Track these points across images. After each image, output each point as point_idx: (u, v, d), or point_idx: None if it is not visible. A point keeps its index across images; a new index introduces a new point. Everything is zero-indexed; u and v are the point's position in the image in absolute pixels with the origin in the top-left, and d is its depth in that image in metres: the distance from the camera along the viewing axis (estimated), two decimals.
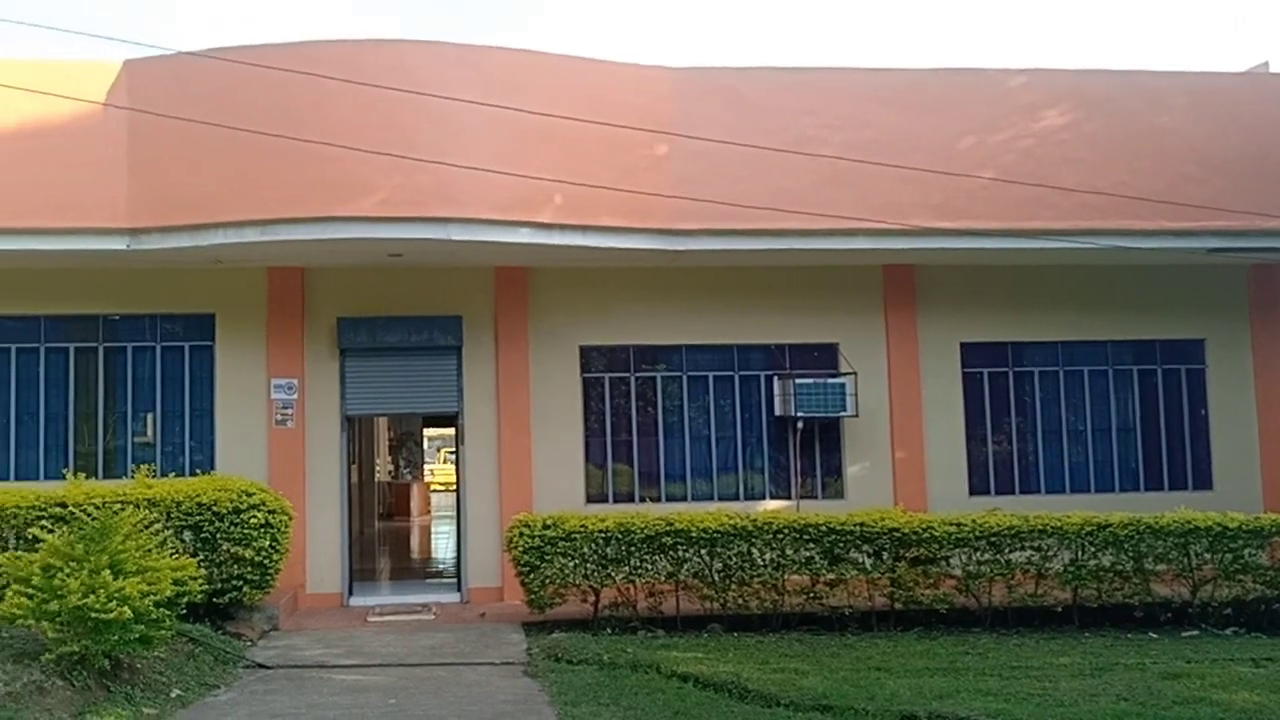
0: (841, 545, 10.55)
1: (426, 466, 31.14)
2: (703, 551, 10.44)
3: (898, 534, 10.55)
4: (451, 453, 33.13)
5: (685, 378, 13.05)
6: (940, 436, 13.14)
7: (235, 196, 10.68)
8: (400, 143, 10.44)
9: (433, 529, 22.19)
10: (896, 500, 12.45)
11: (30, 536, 8.94)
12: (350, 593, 12.38)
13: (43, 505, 9.60)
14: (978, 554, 10.68)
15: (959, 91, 12.22)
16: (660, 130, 11.31)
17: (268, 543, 9.88)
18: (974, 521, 10.70)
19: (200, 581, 8.72)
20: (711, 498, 12.73)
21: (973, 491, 13.12)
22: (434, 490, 27.92)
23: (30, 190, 10.81)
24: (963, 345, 13.35)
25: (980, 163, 11.95)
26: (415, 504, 24.11)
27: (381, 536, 19.55)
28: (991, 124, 12.18)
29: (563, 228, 11.13)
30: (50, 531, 8.38)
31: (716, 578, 10.51)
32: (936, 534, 10.55)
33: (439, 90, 10.51)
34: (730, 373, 13.09)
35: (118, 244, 11.02)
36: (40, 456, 12.14)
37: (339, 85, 10.32)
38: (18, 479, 11.74)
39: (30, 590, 7.68)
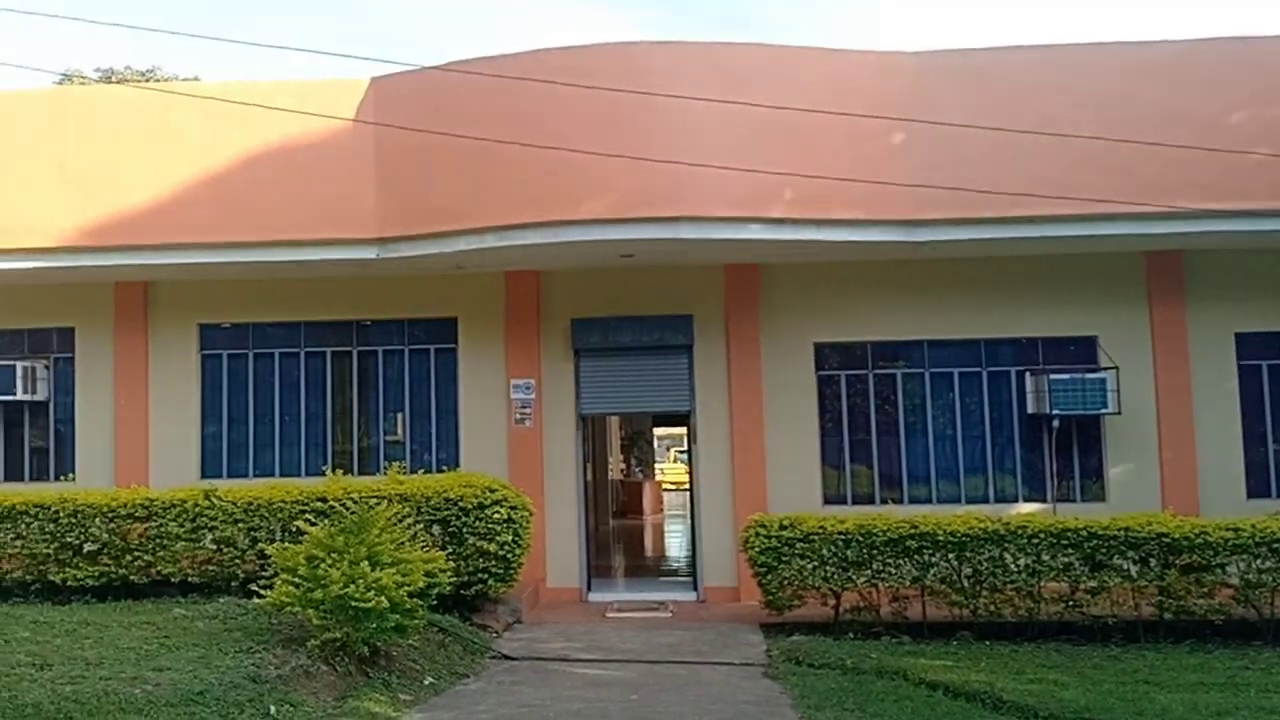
0: (1104, 551, 9.90)
1: (657, 465, 31.60)
2: (950, 556, 10.04)
3: (1167, 539, 9.80)
4: (682, 452, 33.55)
5: (927, 374, 12.61)
6: (1213, 435, 12.14)
7: (475, 204, 11.13)
8: (632, 144, 10.58)
9: (665, 527, 22.45)
10: (1164, 504, 11.59)
11: (295, 529, 9.66)
12: (589, 588, 12.69)
13: (305, 500, 10.31)
14: (1258, 561, 9.80)
15: (1230, 63, 11.22)
16: (899, 118, 10.96)
17: (510, 537, 10.23)
18: (1253, 527, 9.85)
19: (449, 574, 9.14)
20: (958, 500, 12.26)
21: (1250, 494, 12.08)
22: (665, 489, 28.27)
23: (290, 206, 11.64)
24: (1237, 336, 12.31)
25: (1254, 139, 10.94)
26: (647, 502, 24.47)
27: (616, 534, 19.95)
28: (1266, 97, 11.13)
29: (795, 222, 10.97)
30: (313, 524, 9.02)
31: (966, 583, 10.08)
32: (1211, 540, 9.76)
33: (670, 89, 10.59)
34: (977, 369, 12.55)
35: (368, 253, 11.71)
36: (302, 454, 13.08)
37: (571, 90, 10.58)
38: (282, 475, 12.71)
39: (296, 579, 8.26)
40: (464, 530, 10.16)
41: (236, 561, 10.19)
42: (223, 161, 11.77)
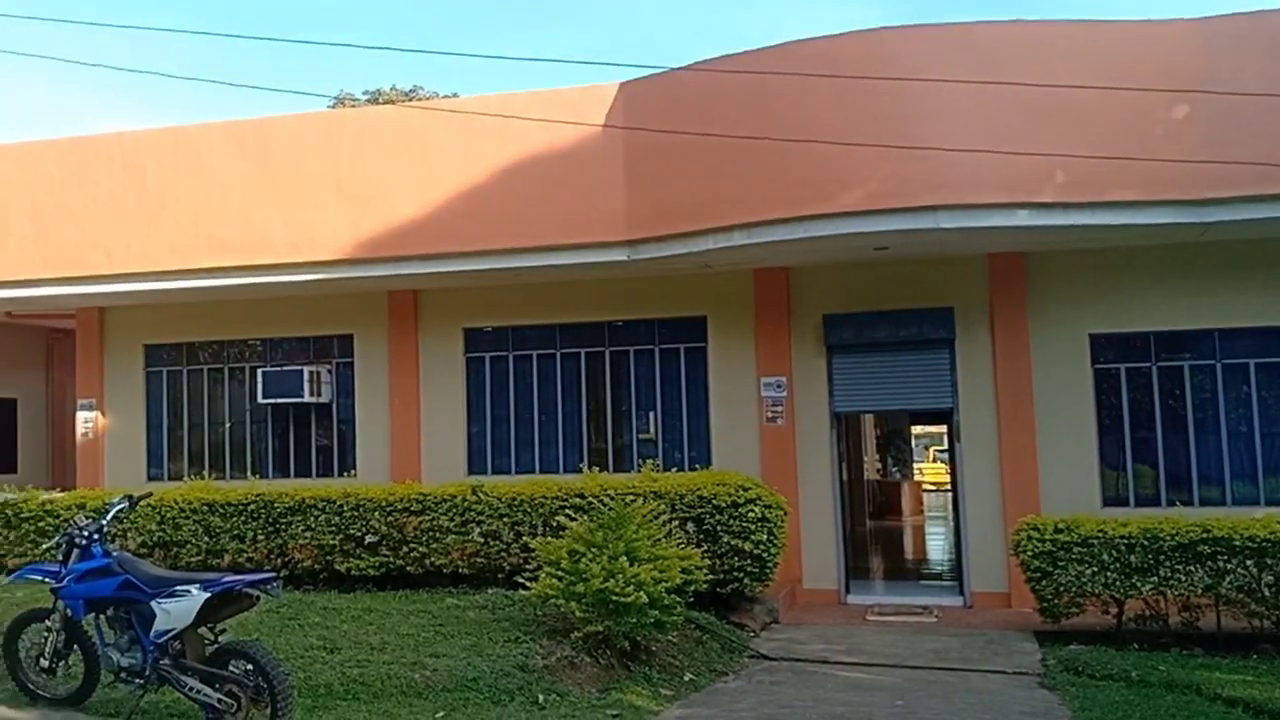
0: None
1: (915, 464, 30.79)
2: (1248, 563, 9.25)
3: None
4: (941, 450, 32.55)
5: (1219, 366, 11.67)
6: None
7: (722, 202, 11.24)
8: (885, 133, 10.38)
9: (926, 529, 21.89)
10: None
11: (556, 524, 10.09)
12: (847, 590, 12.53)
13: (565, 496, 10.71)
14: None
15: None
16: (1184, 90, 10.19)
17: (765, 536, 10.25)
18: None
19: (704, 571, 9.28)
20: (1255, 502, 11.27)
21: None
22: (925, 489, 27.53)
23: (544, 212, 12.14)
24: None
25: None
26: (906, 503, 23.90)
27: (873, 535, 19.60)
28: None
29: (1066, 206, 10.41)
30: (573, 520, 9.39)
31: (1266, 593, 9.26)
32: None
33: (923, 74, 10.33)
34: (1276, 359, 11.51)
35: (619, 255, 12.05)
36: (560, 452, 13.62)
37: (820, 82, 10.50)
38: (541, 471, 13.28)
39: (559, 573, 8.63)
40: (718, 528, 10.27)
41: (502, 554, 10.73)
42: (480, 173, 12.43)
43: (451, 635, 8.68)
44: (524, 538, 10.48)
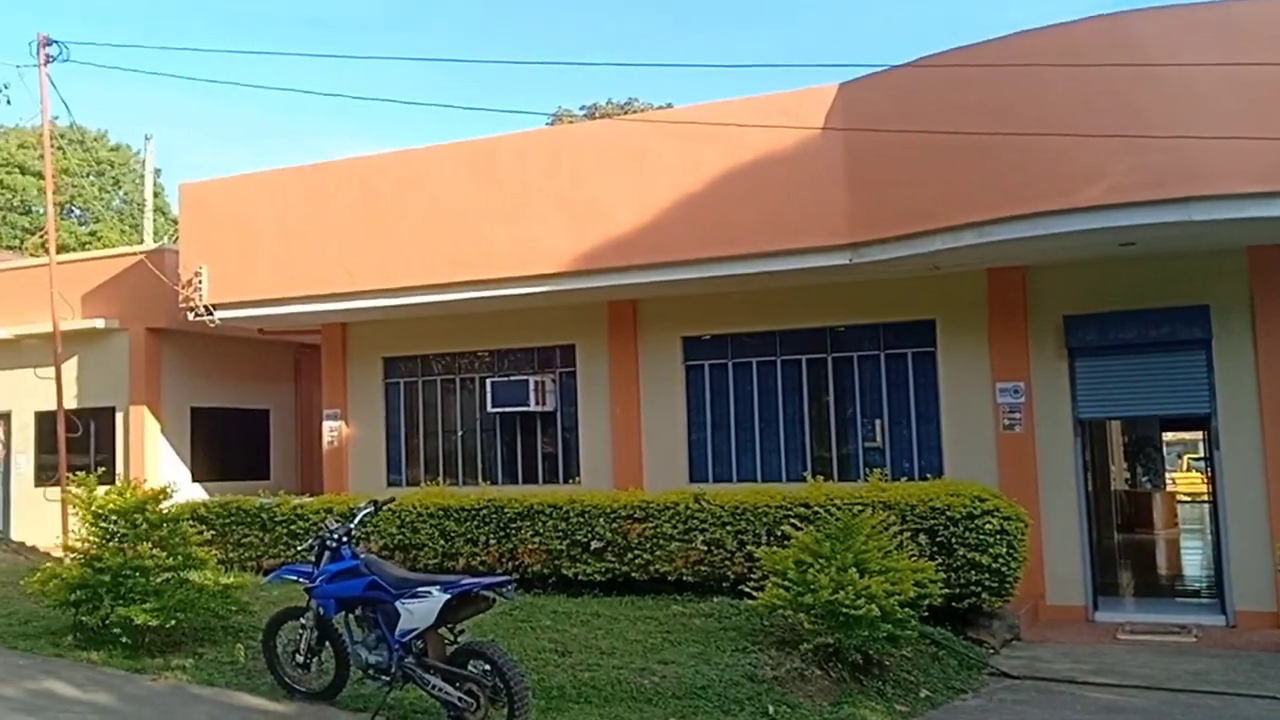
0: None
1: (1167, 474, 28.89)
2: None
3: None
4: (1196, 459, 30.44)
5: None
6: None
7: (950, 201, 10.92)
8: (1128, 122, 9.84)
9: (1180, 543, 20.54)
10: None
11: (780, 533, 10.05)
12: (1095, 607, 11.89)
13: (789, 505, 10.64)
14: None
15: None
16: None
17: (1004, 550, 9.87)
18: None
19: (939, 585, 9.03)
20: None
21: None
22: (1179, 500, 25.81)
23: (762, 218, 12.11)
24: None
25: None
26: (1158, 515, 22.45)
27: (1122, 549, 18.53)
28: None
29: None
30: (798, 529, 9.32)
31: None
32: None
33: (1170, 59, 9.73)
34: None
35: (840, 259, 11.89)
36: (781, 460, 13.56)
37: (1055, 72, 10.05)
38: (763, 480, 13.24)
39: (786, 583, 8.59)
40: (953, 540, 9.96)
41: (725, 562, 10.78)
42: (697, 181, 12.54)
43: (679, 642, 8.79)
44: (747, 546, 10.49)
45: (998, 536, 9.85)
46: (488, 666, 6.87)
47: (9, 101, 20.26)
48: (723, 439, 13.92)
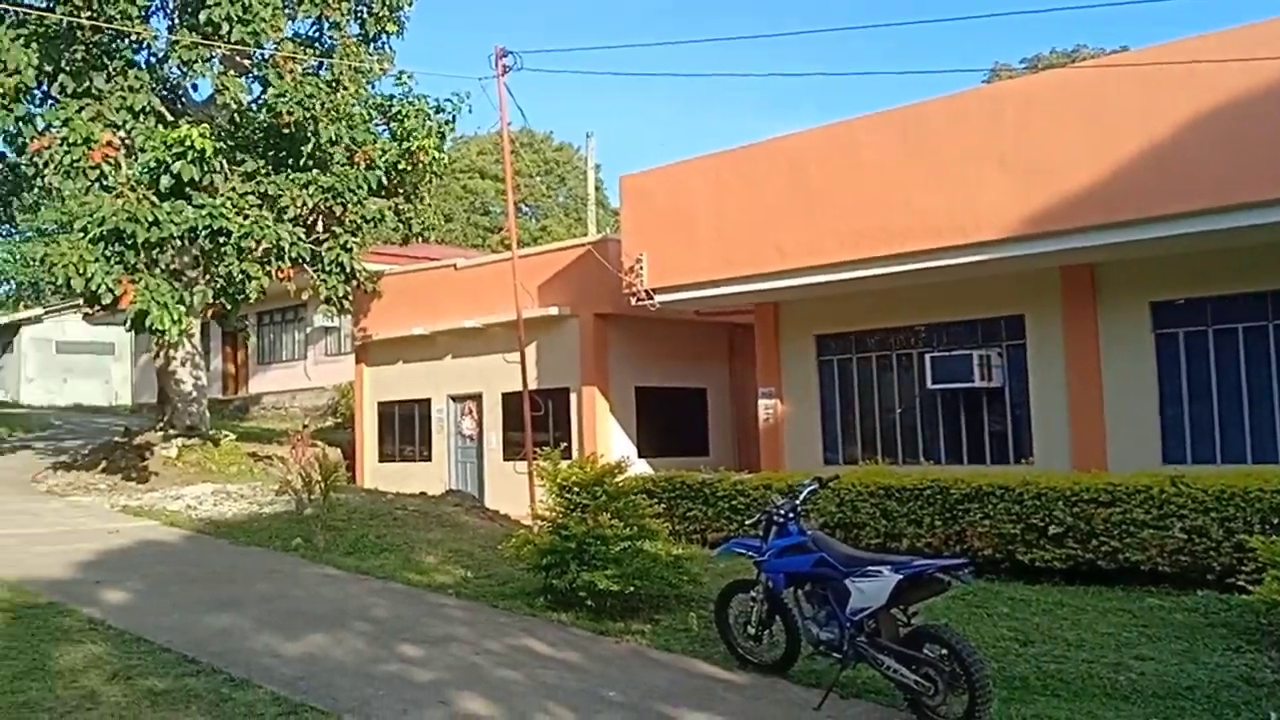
0: None
1: None
2: None
3: None
4: None
5: None
6: None
7: None
8: None
9: None
10: None
11: (1276, 522, 8.98)
12: None
13: None
14: None
15: None
16: None
17: None
18: None
19: None
20: None
21: None
22: None
23: (1245, 165, 10.86)
24: None
25: None
26: None
27: None
28: None
29: None
30: None
31: None
32: None
33: None
34: None
35: None
36: (1278, 439, 12.08)
37: None
38: (1254, 461, 11.87)
39: None
40: None
41: (1210, 553, 9.80)
42: (1164, 129, 11.49)
43: (1157, 638, 8.13)
44: (1237, 535, 9.49)
45: None
46: (944, 651, 6.72)
47: (470, 110, 22.68)
48: (1203, 415, 12.64)
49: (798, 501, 8.09)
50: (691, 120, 79.85)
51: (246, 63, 18.75)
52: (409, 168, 19.56)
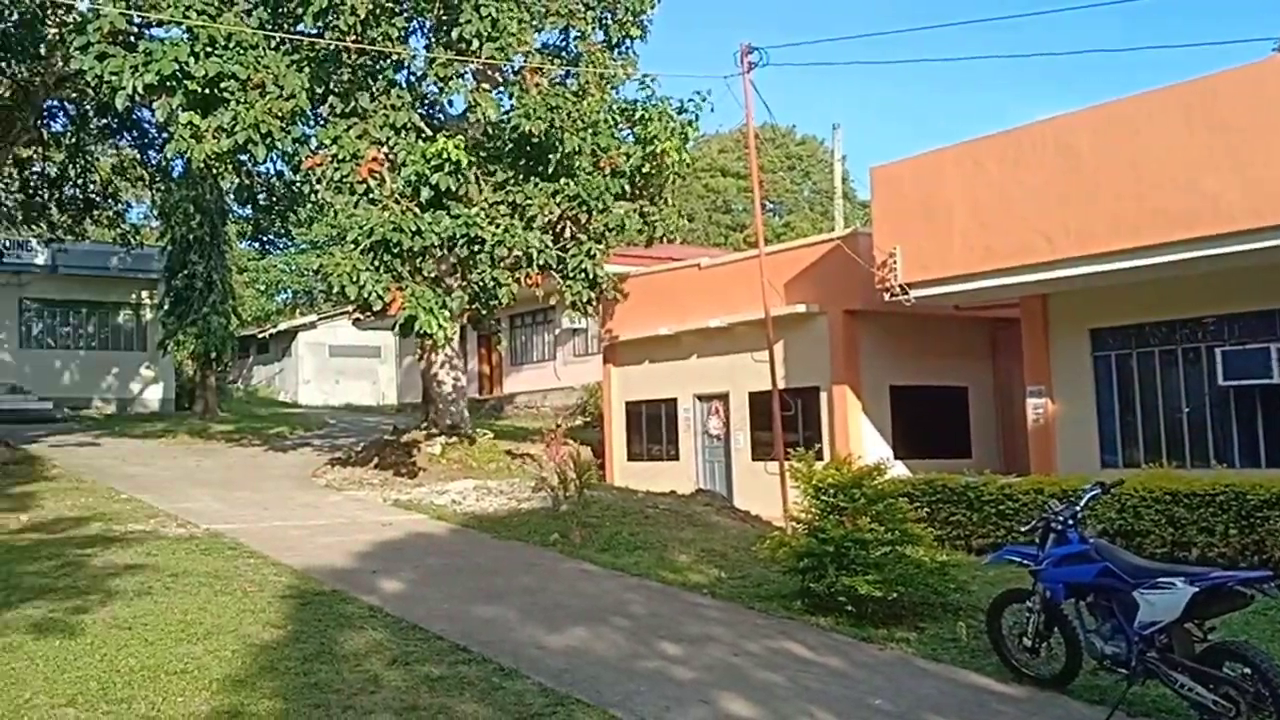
0: None
1: None
2: None
3: None
4: None
5: None
6: None
7: None
8: None
9: None
10: None
11: None
12: None
13: None
14: None
15: None
16: None
17: None
18: None
19: None
20: None
21: None
22: None
23: None
24: None
25: None
26: None
27: None
28: None
29: None
30: None
31: None
32: None
33: None
34: None
35: None
36: None
37: None
38: None
39: None
40: None
41: None
42: None
43: None
44: None
45: None
46: (1248, 670, 6.27)
47: (712, 109, 22.80)
48: None
49: (1078, 508, 7.70)
50: (943, 106, 77.61)
51: (498, 76, 19.51)
52: (653, 170, 19.87)
